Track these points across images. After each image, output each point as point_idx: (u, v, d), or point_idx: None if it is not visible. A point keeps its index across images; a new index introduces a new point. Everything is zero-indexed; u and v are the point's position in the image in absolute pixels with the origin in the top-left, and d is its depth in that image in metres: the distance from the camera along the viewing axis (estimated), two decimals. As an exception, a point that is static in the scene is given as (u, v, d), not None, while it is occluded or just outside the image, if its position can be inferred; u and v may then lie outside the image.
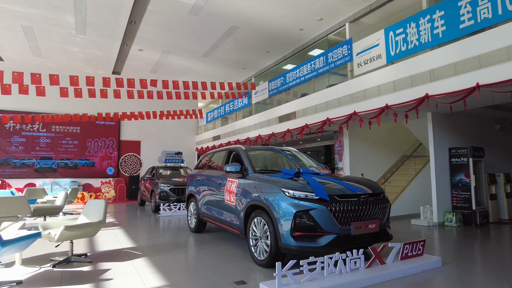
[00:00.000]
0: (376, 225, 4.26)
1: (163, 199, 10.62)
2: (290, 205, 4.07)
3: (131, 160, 17.43)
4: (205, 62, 14.27)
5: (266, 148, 6.41)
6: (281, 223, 4.10)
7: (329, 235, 3.97)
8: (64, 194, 7.97)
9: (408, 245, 4.44)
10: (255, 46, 12.54)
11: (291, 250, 4.00)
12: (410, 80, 6.98)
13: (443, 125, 8.30)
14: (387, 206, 4.53)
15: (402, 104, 6.98)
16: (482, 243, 6.10)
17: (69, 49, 12.70)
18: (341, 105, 8.61)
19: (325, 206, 3.98)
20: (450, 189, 8.27)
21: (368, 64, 7.97)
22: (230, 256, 5.10)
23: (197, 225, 6.96)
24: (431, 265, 4.34)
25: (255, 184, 4.81)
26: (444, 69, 6.32)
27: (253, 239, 4.69)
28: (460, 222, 7.75)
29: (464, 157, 8.00)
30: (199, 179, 6.93)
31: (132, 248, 5.75)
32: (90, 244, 6.04)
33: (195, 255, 5.20)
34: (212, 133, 16.97)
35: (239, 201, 5.11)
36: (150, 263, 4.73)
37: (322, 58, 9.36)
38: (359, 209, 4.15)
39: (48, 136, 15.87)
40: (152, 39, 11.89)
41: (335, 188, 4.26)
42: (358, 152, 10.43)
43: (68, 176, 16.12)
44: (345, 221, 4.05)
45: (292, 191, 4.16)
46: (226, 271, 4.32)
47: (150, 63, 14.48)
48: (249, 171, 5.22)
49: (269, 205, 4.32)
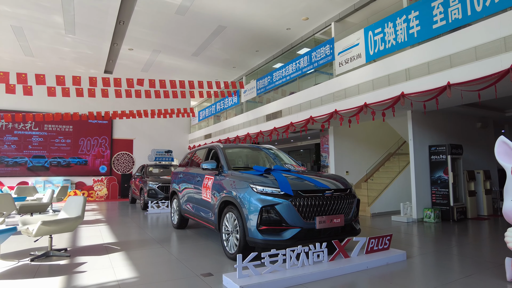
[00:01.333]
0: (341, 219, 4.41)
1: (151, 196, 10.77)
2: (257, 200, 4.23)
3: (124, 159, 17.58)
4: (195, 61, 14.41)
5: (245, 146, 6.56)
6: (249, 217, 4.25)
7: (294, 229, 4.12)
8: (51, 191, 8.11)
9: (374, 239, 4.60)
10: (244, 45, 12.67)
11: (258, 243, 4.16)
12: (388, 79, 7.14)
13: (423, 123, 8.46)
14: (354, 201, 4.69)
15: (380, 103, 7.13)
16: (451, 238, 6.27)
17: (59, 49, 12.82)
18: (324, 103, 8.76)
19: (290, 201, 4.14)
20: (430, 186, 8.44)
21: (349, 63, 8.13)
22: (206, 251, 5.26)
23: (179, 221, 7.11)
24: (395, 258, 4.50)
25: (228, 180, 4.96)
26: (419, 68, 6.48)
27: (225, 234, 4.85)
28: (438, 218, 7.92)
29: (443, 155, 8.17)
30: (181, 177, 7.09)
31: (112, 243, 5.90)
32: (72, 239, 6.19)
33: (172, 250, 5.36)
34: (204, 131, 17.12)
35: (214, 197, 5.27)
36: (126, 257, 4.88)
37: (306, 57, 9.50)
38: (323, 204, 4.30)
39: (40, 135, 15.99)
40: (141, 38, 12.02)
41: (300, 184, 4.41)
42: (343, 150, 10.59)
43: (61, 175, 16.25)
44: (309, 215, 4.21)
45: (259, 187, 4.32)
46: (197, 264, 4.48)
47: (141, 62, 14.61)
48: (224, 168, 5.37)
49: (238, 200, 4.48)
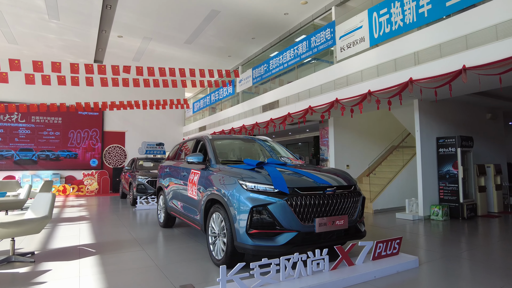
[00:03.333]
0: (345, 221, 3.81)
1: (140, 191, 10.16)
2: (246, 199, 3.62)
3: (116, 152, 16.94)
4: (189, 50, 13.70)
5: (237, 138, 5.93)
6: (237, 219, 3.65)
7: (289, 232, 3.52)
8: (28, 186, 7.49)
9: (382, 243, 4.01)
10: (240, 32, 11.98)
11: (247, 249, 3.56)
12: (394, 64, 6.51)
13: (430, 114, 7.84)
14: (359, 200, 4.09)
15: (386, 90, 6.51)
16: (466, 239, 5.69)
17: (44, 36, 12.10)
18: (324, 92, 8.13)
19: (285, 200, 3.53)
20: (437, 181, 7.85)
21: (351, 47, 7.48)
22: (191, 255, 4.66)
23: (165, 220, 6.51)
24: (406, 265, 3.91)
25: (216, 176, 4.35)
26: (429, 51, 5.84)
27: (212, 236, 4.25)
28: (446, 215, 7.34)
29: (452, 147, 7.57)
30: (167, 171, 6.48)
31: (88, 245, 5.30)
32: (44, 240, 5.58)
33: (153, 254, 4.76)
34: (198, 123, 16.48)
35: (199, 194, 4.66)
36: (99, 263, 4.28)
37: (305, 42, 8.84)
38: (324, 203, 3.70)
39: (28, 127, 15.32)
40: (130, 24, 11.31)
41: (298, 180, 3.79)
42: (343, 142, 9.98)
43: (50, 168, 15.61)
44: (307, 216, 3.60)
45: (249, 184, 3.70)
46: (179, 272, 3.88)
47: (132, 50, 13.90)
48: (212, 162, 4.76)
49: (225, 199, 3.87)
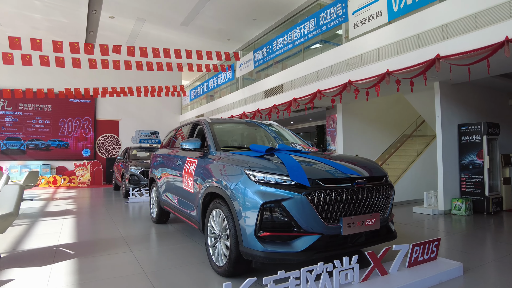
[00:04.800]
0: (376, 220, 3.09)
1: (133, 183, 9.41)
2: (255, 193, 2.88)
3: (109, 141, 16.16)
4: (185, 32, 12.85)
5: (239, 121, 5.17)
6: (243, 218, 2.92)
7: (310, 235, 2.79)
8: (5, 177, 6.72)
9: (418, 246, 3.29)
10: (240, 12, 11.14)
11: (256, 257, 2.83)
12: (417, 40, 5.74)
13: (452, 98, 7.09)
14: (391, 194, 3.36)
15: (407, 69, 5.75)
16: (506, 238, 4.96)
17: (29, 15, 11.23)
18: (334, 74, 7.36)
19: (305, 195, 2.80)
20: (458, 172, 7.14)
21: (366, 23, 6.68)
22: (187, 258, 3.94)
23: (158, 215, 5.78)
24: (449, 274, 3.20)
25: (216, 164, 3.61)
26: (461, 22, 5.08)
27: (211, 238, 3.52)
28: (470, 210, 6.65)
29: (476, 135, 6.84)
30: (160, 160, 5.73)
31: (68, 245, 4.57)
32: (17, 239, 4.84)
33: (142, 257, 4.03)
34: (195, 112, 15.69)
35: (196, 186, 3.93)
36: (76, 269, 3.55)
37: (312, 20, 8.03)
38: (353, 199, 2.97)
39: (15, 115, 14.49)
40: (122, 3, 10.46)
41: (320, 170, 3.05)
42: (352, 130, 9.25)
43: (39, 159, 14.83)
44: (333, 215, 2.87)
45: (259, 174, 2.96)
46: (171, 282, 3.16)
47: (125, 33, 13.04)
48: (211, 148, 4.01)
49: (228, 192, 3.13)
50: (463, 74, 5.99)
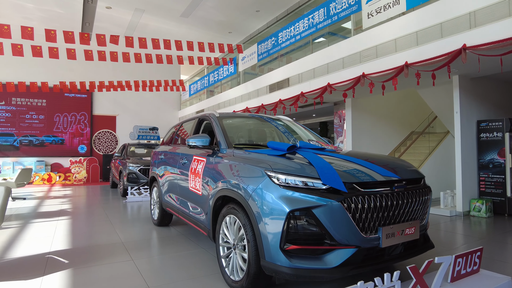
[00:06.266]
0: (416, 228, 2.69)
1: (131, 181, 8.97)
2: (280, 199, 2.46)
3: (106, 137, 15.67)
4: (185, 24, 12.37)
5: (249, 116, 4.74)
6: (265, 228, 2.50)
7: (345, 249, 2.39)
8: (-6, 176, 6.28)
9: (461, 258, 2.89)
10: (242, 3, 10.68)
11: (281, 273, 2.41)
12: (440, 29, 5.33)
13: (471, 93, 6.70)
14: (429, 198, 2.96)
15: (428, 61, 5.34)
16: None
17: (21, 5, 10.72)
18: (346, 66, 6.94)
19: (340, 202, 2.38)
20: (477, 171, 6.76)
21: (382, 13, 6.26)
22: (195, 269, 3.52)
23: (160, 217, 5.35)
24: (497, 290, 2.81)
25: (228, 164, 3.19)
26: (492, 9, 4.66)
27: (224, 247, 3.10)
28: (490, 211, 6.28)
29: (498, 132, 6.46)
30: (161, 158, 5.29)
31: (61, 252, 4.14)
32: (4, 247, 4.41)
33: (143, 266, 3.61)
34: (195, 107, 15.22)
35: (206, 187, 3.50)
36: (69, 283, 3.13)
37: (322, 10, 7.59)
38: (392, 205, 2.56)
39: (8, 110, 13.95)
40: (119, -9, 9.97)
41: (355, 172, 2.63)
42: (361, 126, 8.85)
43: (34, 155, 14.32)
44: (371, 225, 2.47)
45: (282, 176, 2.54)
46: (179, 300, 2.75)
47: (122, 25, 12.54)
48: (221, 146, 3.58)
49: (246, 197, 2.71)
50: (486, 67, 5.60)
